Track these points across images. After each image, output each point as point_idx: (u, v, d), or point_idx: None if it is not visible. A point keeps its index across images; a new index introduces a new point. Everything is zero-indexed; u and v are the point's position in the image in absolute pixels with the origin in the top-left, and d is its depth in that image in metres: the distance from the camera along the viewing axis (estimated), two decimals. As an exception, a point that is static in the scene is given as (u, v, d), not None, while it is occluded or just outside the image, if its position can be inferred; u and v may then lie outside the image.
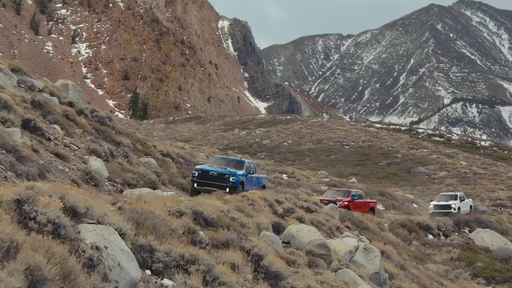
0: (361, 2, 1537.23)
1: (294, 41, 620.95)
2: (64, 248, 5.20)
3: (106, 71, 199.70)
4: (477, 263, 25.49)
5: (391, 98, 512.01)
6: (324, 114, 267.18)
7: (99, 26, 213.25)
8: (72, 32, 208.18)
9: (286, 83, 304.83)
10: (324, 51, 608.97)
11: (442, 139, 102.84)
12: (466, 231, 31.15)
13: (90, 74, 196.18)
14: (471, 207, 38.38)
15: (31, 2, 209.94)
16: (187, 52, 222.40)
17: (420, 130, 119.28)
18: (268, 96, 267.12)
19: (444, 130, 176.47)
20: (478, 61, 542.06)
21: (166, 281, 6.97)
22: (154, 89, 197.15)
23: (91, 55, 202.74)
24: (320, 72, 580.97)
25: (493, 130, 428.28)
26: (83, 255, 5.49)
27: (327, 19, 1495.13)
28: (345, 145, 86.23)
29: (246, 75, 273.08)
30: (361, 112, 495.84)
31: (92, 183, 15.76)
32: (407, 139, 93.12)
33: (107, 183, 16.68)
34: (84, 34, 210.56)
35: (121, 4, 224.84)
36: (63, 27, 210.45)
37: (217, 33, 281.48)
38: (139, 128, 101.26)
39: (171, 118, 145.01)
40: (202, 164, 21.71)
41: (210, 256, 7.77)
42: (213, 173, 19.83)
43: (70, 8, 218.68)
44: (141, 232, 7.19)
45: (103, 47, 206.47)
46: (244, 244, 9.01)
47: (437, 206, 35.98)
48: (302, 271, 10.41)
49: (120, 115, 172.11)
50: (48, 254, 4.85)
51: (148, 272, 6.98)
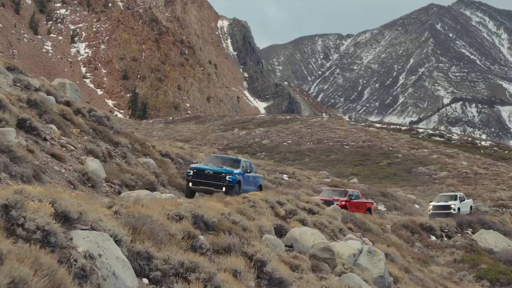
0: (361, 2, 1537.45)
1: (294, 41, 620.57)
2: (54, 258, 4.80)
3: (106, 71, 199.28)
4: (481, 265, 25.17)
5: (391, 98, 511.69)
6: (324, 114, 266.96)
7: (99, 26, 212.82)
8: (71, 32, 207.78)
9: (286, 83, 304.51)
10: (324, 51, 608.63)
11: (443, 139, 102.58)
12: (469, 232, 30.79)
13: (90, 74, 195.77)
14: (471, 208, 37.42)
15: (30, 2, 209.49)
16: (187, 52, 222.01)
17: (420, 130, 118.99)
18: (268, 96, 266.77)
19: (444, 130, 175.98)
20: (478, 61, 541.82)
21: (165, 291, 6.55)
22: (154, 89, 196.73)
23: (90, 55, 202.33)
24: (320, 72, 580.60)
25: (493, 130, 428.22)
26: (75, 265, 5.08)
27: (327, 19, 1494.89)
28: (345, 145, 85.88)
29: (246, 75, 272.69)
30: (361, 112, 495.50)
31: (89, 184, 15.37)
32: (408, 139, 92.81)
33: (105, 184, 16.29)
34: (83, 34, 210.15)
35: (121, 4, 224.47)
36: (62, 27, 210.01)
37: (217, 33, 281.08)
38: (138, 128, 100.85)
39: (171, 118, 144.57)
40: (197, 163, 20.71)
41: (211, 263, 7.36)
42: (209, 172, 18.94)
43: (70, 8, 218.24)
44: (138, 238, 6.78)
45: (102, 47, 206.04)
46: (246, 249, 8.61)
47: (437, 207, 35.07)
48: (307, 277, 10.04)
49: (120, 115, 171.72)
50: (36, 265, 4.44)
51: (146, 281, 6.55)
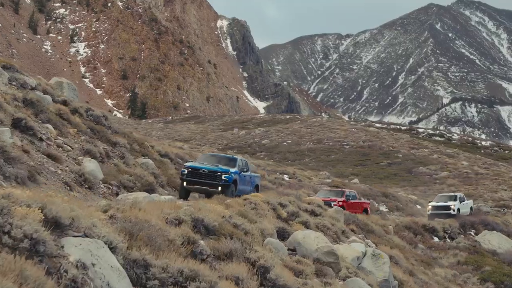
0: (360, 2, 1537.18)
1: (293, 41, 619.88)
2: (42, 269, 4.40)
3: (105, 71, 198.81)
4: (485, 267, 24.77)
5: (390, 98, 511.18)
6: (323, 114, 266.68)
7: (98, 26, 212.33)
8: (71, 32, 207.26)
9: (285, 83, 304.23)
10: (323, 51, 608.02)
11: (443, 139, 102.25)
12: (472, 233, 30.44)
13: (89, 74, 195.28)
14: (472, 209, 36.54)
15: (30, 2, 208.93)
16: (186, 52, 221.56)
17: (421, 130, 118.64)
18: (267, 96, 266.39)
19: (443, 130, 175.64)
20: (477, 61, 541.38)
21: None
22: (153, 89, 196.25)
23: (90, 55, 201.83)
24: (319, 72, 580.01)
25: (492, 130, 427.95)
26: (65, 276, 4.69)
27: (326, 19, 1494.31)
28: (345, 145, 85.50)
29: (245, 75, 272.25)
30: (360, 112, 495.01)
31: (86, 186, 14.96)
32: (408, 139, 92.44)
33: (102, 186, 15.88)
34: (83, 34, 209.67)
35: (120, 4, 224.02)
36: (62, 27, 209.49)
37: (216, 33, 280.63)
38: (138, 128, 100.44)
39: (170, 118, 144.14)
40: (192, 162, 19.96)
41: (212, 271, 6.96)
42: (204, 171, 18.21)
43: (69, 8, 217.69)
44: (135, 245, 6.38)
45: (102, 47, 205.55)
46: (249, 255, 8.21)
47: (436, 207, 34.19)
48: (311, 282, 9.67)
49: (119, 115, 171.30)
50: (21, 278, 4.04)
51: (142, 291, 6.17)
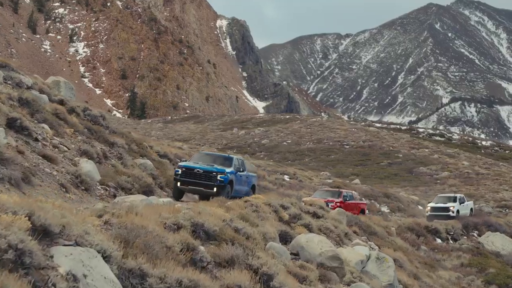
0: (359, 2, 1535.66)
1: (293, 41, 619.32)
2: (26, 284, 4.01)
3: (104, 70, 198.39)
4: (489, 269, 24.42)
5: (390, 98, 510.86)
6: (323, 114, 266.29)
7: (97, 25, 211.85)
8: (70, 31, 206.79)
9: (285, 83, 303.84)
10: (323, 51, 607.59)
11: (443, 139, 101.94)
12: (475, 235, 30.07)
13: (88, 73, 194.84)
14: (472, 210, 35.69)
15: (29, 1, 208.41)
16: (185, 51, 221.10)
17: (421, 130, 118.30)
18: (267, 96, 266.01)
19: (443, 130, 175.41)
20: (477, 61, 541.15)
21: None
22: (152, 88, 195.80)
23: (89, 54, 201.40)
24: (319, 72, 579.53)
25: (492, 130, 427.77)
26: (53, 291, 4.30)
27: (326, 19, 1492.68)
28: (345, 145, 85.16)
29: (245, 75, 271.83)
30: (360, 112, 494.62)
31: (83, 187, 14.57)
32: (408, 139, 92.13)
33: (99, 187, 15.48)
34: (82, 33, 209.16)
35: (119, 3, 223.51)
36: (61, 26, 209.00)
37: (215, 32, 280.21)
38: (137, 128, 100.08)
39: (169, 118, 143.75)
40: (186, 161, 19.26)
41: (213, 280, 6.57)
42: (199, 171, 17.60)
43: (68, 7, 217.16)
44: (131, 253, 5.99)
45: (101, 46, 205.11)
46: (251, 262, 7.82)
47: (434, 209, 33.46)
48: (315, 289, 9.27)
49: (118, 115, 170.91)
50: (2, 296, 3.68)
51: (138, 303, 5.77)
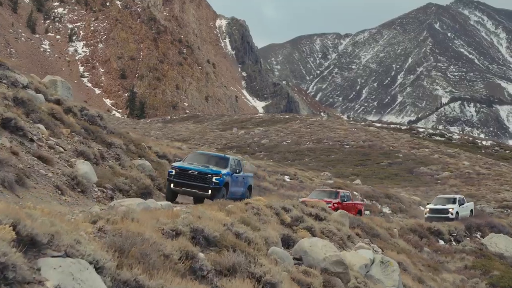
0: (359, 1, 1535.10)
1: (292, 40, 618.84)
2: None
3: (103, 70, 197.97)
4: (493, 272, 24.05)
5: (389, 97, 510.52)
6: (322, 113, 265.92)
7: (96, 25, 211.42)
8: (69, 31, 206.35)
9: (284, 82, 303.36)
10: (322, 50, 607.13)
11: (443, 139, 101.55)
12: (478, 236, 29.70)
13: (87, 73, 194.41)
14: (472, 211, 35.03)
15: (28, 1, 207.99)
16: (185, 51, 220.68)
17: (421, 130, 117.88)
18: (266, 95, 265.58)
19: (443, 129, 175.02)
20: (476, 60, 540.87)
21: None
22: (152, 88, 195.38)
23: (88, 54, 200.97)
24: (318, 71, 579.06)
25: (491, 129, 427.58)
26: (38, 309, 3.91)
27: (325, 18, 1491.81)
28: (345, 145, 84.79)
29: (244, 74, 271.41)
30: (359, 111, 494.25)
31: (79, 189, 14.18)
32: (408, 139, 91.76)
33: (96, 189, 15.09)
34: (81, 33, 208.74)
35: (119, 3, 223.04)
36: (60, 26, 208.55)
37: (215, 32, 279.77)
38: (136, 128, 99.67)
39: (169, 117, 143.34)
40: (180, 161, 18.68)
41: (214, 291, 6.19)
42: (193, 172, 17.06)
43: (67, 7, 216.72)
44: (126, 263, 5.60)
45: (100, 46, 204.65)
46: (254, 270, 7.43)
47: (433, 210, 32.82)
48: (320, 297, 8.89)
49: (117, 114, 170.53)
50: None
51: (134, 317, 5.38)
